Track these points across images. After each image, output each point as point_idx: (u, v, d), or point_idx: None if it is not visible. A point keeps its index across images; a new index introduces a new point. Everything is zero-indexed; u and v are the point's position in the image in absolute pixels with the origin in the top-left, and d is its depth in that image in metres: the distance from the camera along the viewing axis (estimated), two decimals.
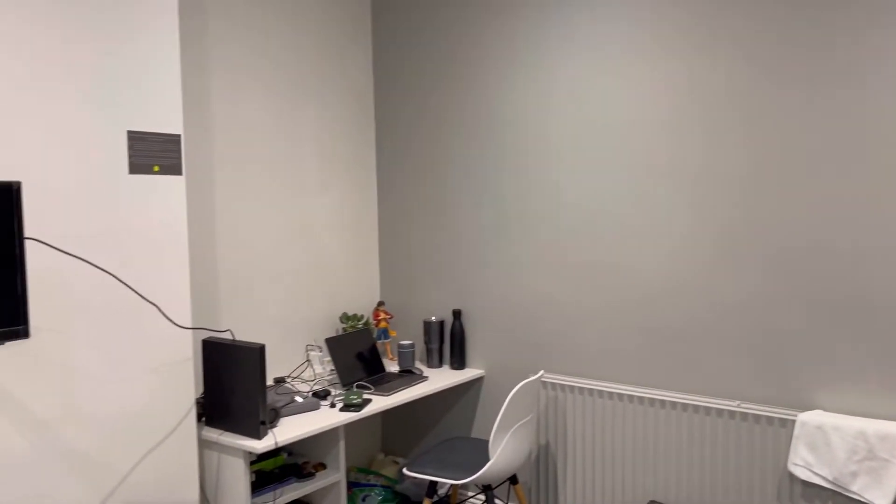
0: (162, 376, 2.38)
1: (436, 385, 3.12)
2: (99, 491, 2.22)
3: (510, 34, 3.16)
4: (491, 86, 3.24)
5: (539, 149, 3.10)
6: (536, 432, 3.14)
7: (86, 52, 2.16)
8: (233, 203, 3.05)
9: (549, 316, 3.12)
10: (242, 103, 3.07)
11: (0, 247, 1.68)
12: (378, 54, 3.65)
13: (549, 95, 3.05)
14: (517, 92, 3.15)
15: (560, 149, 3.04)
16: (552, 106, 3.05)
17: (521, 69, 3.13)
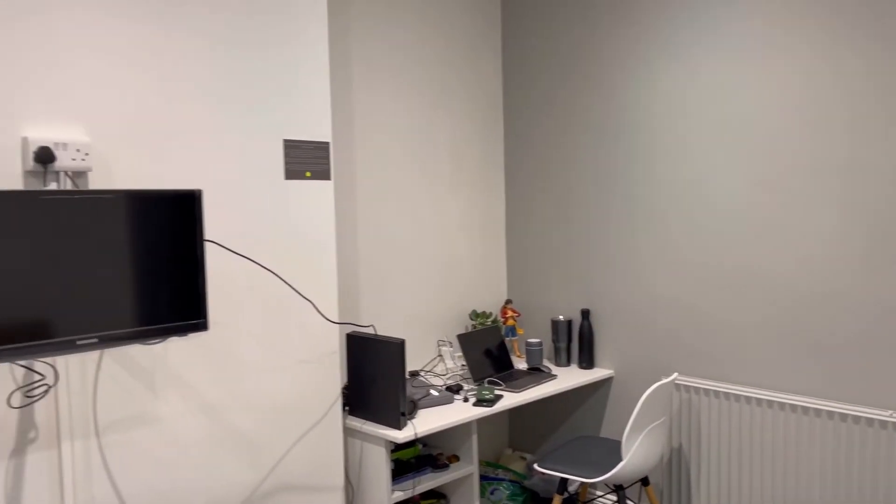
0: (312, 367, 2.56)
1: (565, 384, 3.16)
2: (259, 470, 2.42)
3: (641, 30, 3.14)
4: (621, 83, 3.23)
5: (670, 146, 3.07)
6: (669, 435, 3.11)
7: (247, 67, 2.36)
8: (372, 205, 3.21)
9: (682, 317, 3.08)
10: (380, 108, 3.23)
11: (185, 249, 1.88)
12: (507, 54, 3.71)
13: (681, 92, 3.01)
14: (648, 89, 3.13)
15: (692, 146, 2.99)
16: (684, 103, 3.00)
17: (652, 65, 3.10)
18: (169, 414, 2.20)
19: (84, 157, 1.97)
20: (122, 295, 1.78)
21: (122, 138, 2.08)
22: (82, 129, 2.01)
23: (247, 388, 2.38)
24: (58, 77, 1.96)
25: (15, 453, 1.91)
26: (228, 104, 2.31)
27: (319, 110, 2.55)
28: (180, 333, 1.88)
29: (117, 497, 2.10)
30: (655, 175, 3.13)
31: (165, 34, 2.16)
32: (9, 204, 1.60)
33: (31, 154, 1.89)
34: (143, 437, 2.15)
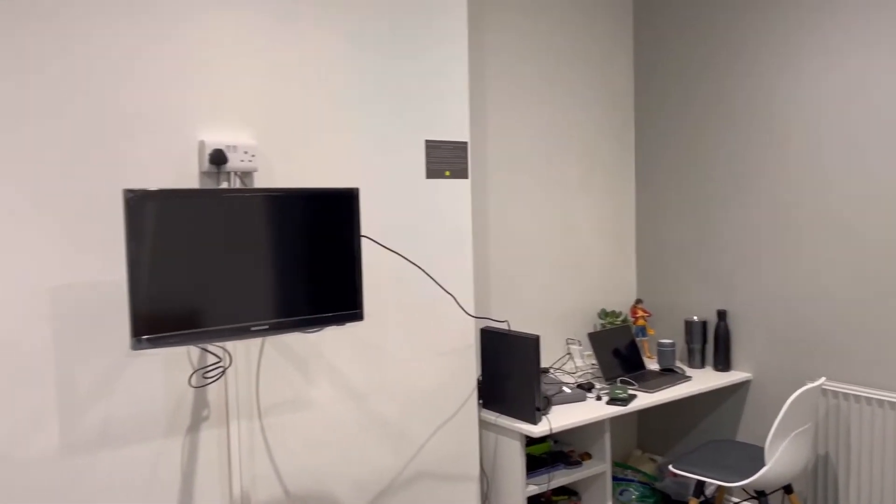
0: (450, 359, 2.65)
1: (699, 385, 3.09)
2: (400, 456, 2.53)
3: (781, 20, 3.02)
4: (760, 79, 3.12)
5: (812, 142, 2.93)
6: (815, 442, 2.98)
7: (394, 73, 2.47)
8: (504, 203, 3.27)
9: (828, 318, 2.94)
10: (512, 109, 3.28)
11: (344, 244, 2.00)
12: (639, 53, 3.67)
13: (826, 88, 2.87)
14: (789, 85, 3.00)
15: (837, 143, 2.85)
16: (829, 99, 2.87)
17: (795, 61, 2.98)
18: (321, 399, 2.34)
19: (251, 159, 2.14)
20: (287, 286, 1.92)
21: (283, 141, 2.24)
22: (249, 133, 2.18)
23: (390, 377, 2.49)
24: (229, 85, 2.13)
25: (191, 429, 2.09)
26: (377, 107, 2.43)
27: (459, 112, 2.63)
28: (338, 323, 2.00)
29: (276, 474, 2.25)
30: (797, 171, 3.00)
31: (323, 43, 2.30)
32: (194, 201, 1.76)
33: (207, 156, 2.07)
34: (298, 420, 2.30)
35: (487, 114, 3.20)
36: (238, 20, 2.14)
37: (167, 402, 2.05)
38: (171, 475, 2.06)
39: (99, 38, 1.92)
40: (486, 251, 3.22)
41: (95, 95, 1.92)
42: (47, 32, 1.85)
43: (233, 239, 1.83)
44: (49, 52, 1.85)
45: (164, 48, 2.02)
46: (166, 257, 1.73)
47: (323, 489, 2.35)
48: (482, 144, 3.19)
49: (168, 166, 2.04)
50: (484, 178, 3.20)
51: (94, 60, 1.91)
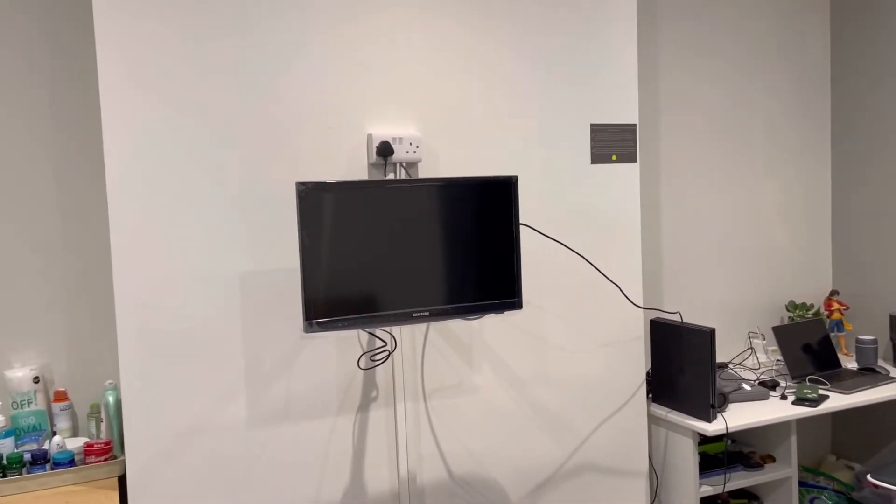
0: (616, 351, 2.56)
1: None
2: (563, 447, 2.50)
3: None
4: None
5: None
6: None
7: (556, 55, 2.42)
8: (678, 187, 3.10)
9: None
10: (688, 87, 3.09)
11: (502, 232, 2.00)
12: (837, 29, 3.30)
13: None
14: None
15: None
16: None
17: None
18: (483, 385, 2.37)
19: (416, 150, 2.20)
20: (448, 274, 1.96)
21: (446, 130, 2.28)
22: (414, 125, 2.24)
23: (553, 367, 2.47)
24: (393, 80, 2.21)
25: (361, 408, 2.21)
26: (539, 91, 2.40)
27: (626, 93, 2.52)
28: (497, 311, 2.01)
29: (440, 455, 2.32)
30: None
31: (484, 32, 2.31)
32: (361, 192, 1.85)
33: (374, 148, 2.16)
34: (462, 404, 2.34)
35: (660, 94, 3.04)
36: (400, 16, 2.21)
37: (339, 382, 2.18)
38: (343, 450, 2.19)
39: (274, 40, 2.06)
40: (659, 239, 3.07)
41: (272, 94, 2.07)
42: (232, 34, 2.02)
43: (396, 228, 1.89)
44: (232, 54, 2.02)
45: (332, 47, 2.13)
46: (335, 246, 1.83)
47: (486, 473, 2.38)
48: (654, 126, 3.04)
49: (340, 159, 2.15)
50: (657, 162, 3.05)
51: (270, 61, 2.06)
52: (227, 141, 2.03)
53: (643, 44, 3.00)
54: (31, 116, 2.24)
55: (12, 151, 2.22)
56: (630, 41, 2.52)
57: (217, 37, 2.00)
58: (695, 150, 3.12)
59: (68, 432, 2.22)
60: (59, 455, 2.04)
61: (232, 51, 2.02)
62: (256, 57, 2.04)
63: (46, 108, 2.25)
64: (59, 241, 2.28)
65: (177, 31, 1.96)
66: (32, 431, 2.16)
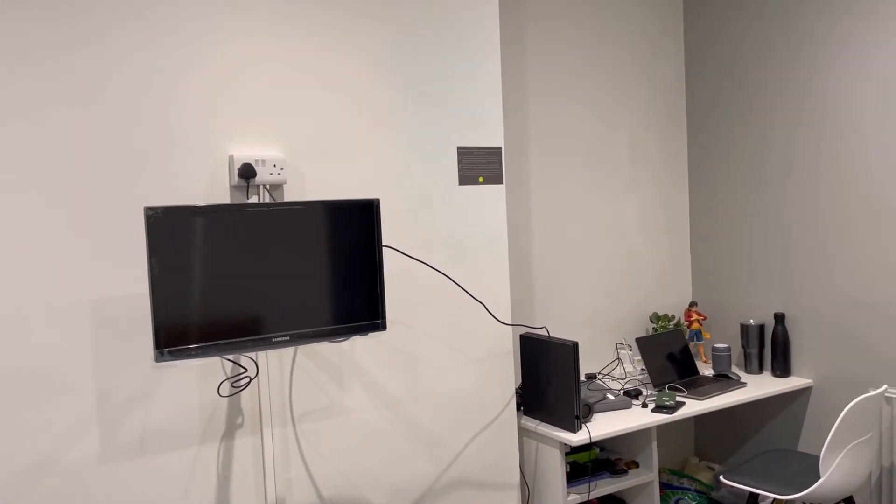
0: (487, 366, 2.63)
1: (755, 392, 2.95)
2: (438, 464, 2.53)
3: (839, 11, 2.85)
4: (822, 68, 2.95)
5: (878, 137, 2.75)
6: (878, 453, 2.80)
7: (420, 78, 2.47)
8: (546, 207, 3.22)
9: (894, 323, 2.76)
10: (555, 110, 3.23)
11: (364, 254, 2.01)
12: (691, 49, 3.55)
13: (883, 75, 2.70)
14: (850, 75, 2.83)
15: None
16: (886, 86, 2.69)
17: (847, 48, 2.81)
18: (355, 406, 2.37)
19: (280, 172, 2.19)
20: (311, 297, 1.95)
21: (312, 152, 2.28)
22: (278, 147, 2.22)
23: (425, 384, 2.50)
24: (256, 101, 2.19)
25: (225, 436, 2.16)
26: (404, 114, 2.44)
27: (492, 116, 2.61)
28: (361, 332, 2.02)
29: (310, 480, 2.29)
30: (860, 165, 2.83)
31: (350, 55, 2.33)
32: (213, 216, 1.82)
33: (236, 170, 2.13)
34: (333, 426, 2.33)
35: (528, 117, 3.16)
36: (261, 40, 2.19)
37: (202, 410, 2.12)
38: (207, 481, 2.13)
39: (134, 60, 2.00)
40: (529, 257, 3.18)
41: (131, 114, 2.00)
42: (87, 54, 1.94)
43: (257, 252, 1.87)
44: (88, 73, 1.94)
45: (195, 70, 2.09)
46: (190, 272, 1.79)
47: (359, 495, 2.38)
48: (523, 148, 3.15)
49: (200, 181, 2.11)
50: (526, 183, 3.16)
51: (128, 81, 2.00)
52: (80, 164, 1.94)
53: (509, 66, 3.11)
54: None
55: None
56: (493, 63, 2.60)
57: (71, 55, 1.92)
58: (562, 168, 3.26)
59: None
60: None
61: (87, 72, 1.94)
62: (113, 77, 1.97)
63: None
64: None
65: (24, 45, 1.87)
66: None
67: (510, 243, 3.11)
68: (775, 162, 3.17)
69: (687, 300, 3.64)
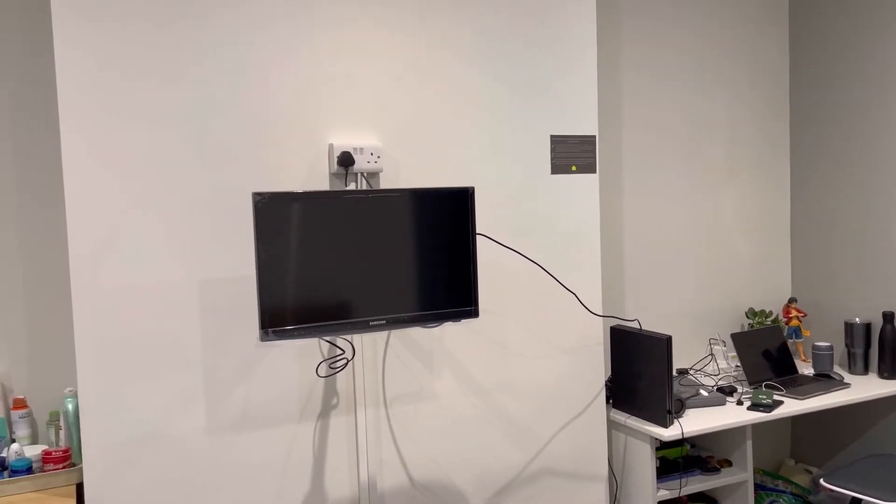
0: (576, 358, 2.61)
1: (860, 394, 2.82)
2: (524, 452, 2.54)
3: None
4: None
5: None
6: None
7: (516, 66, 2.46)
8: (639, 197, 3.16)
9: None
10: (649, 98, 3.15)
11: (458, 242, 2.03)
12: (796, 36, 3.39)
13: None
14: None
15: None
16: None
17: None
18: (444, 391, 2.40)
19: (377, 160, 2.23)
20: (406, 283, 1.99)
21: (407, 141, 2.31)
22: (375, 135, 2.27)
23: (513, 373, 2.51)
24: (354, 91, 2.24)
25: (321, 416, 2.23)
26: (499, 103, 2.44)
27: (586, 104, 2.58)
28: (454, 319, 2.05)
29: (401, 461, 2.35)
30: None
31: (445, 45, 2.35)
32: (317, 202, 1.88)
33: (335, 158, 2.19)
34: (422, 410, 2.38)
35: (623, 106, 3.10)
36: (360, 29, 2.24)
37: (300, 389, 2.20)
38: (304, 457, 2.21)
39: (238, 53, 2.09)
40: (621, 248, 3.13)
41: (236, 102, 2.09)
42: (194, 41, 2.04)
43: (355, 237, 1.92)
44: (194, 67, 2.04)
45: (296, 59, 2.16)
46: (293, 256, 1.85)
47: (446, 479, 2.42)
48: (616, 138, 3.10)
49: (301, 168, 2.18)
50: (619, 173, 3.11)
51: (235, 69, 2.09)
52: (190, 151, 2.05)
53: (604, 53, 3.06)
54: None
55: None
56: (590, 51, 2.57)
57: (180, 50, 2.02)
58: (656, 158, 3.19)
59: (27, 440, 2.22)
60: (17, 463, 2.05)
61: (194, 64, 2.04)
62: (220, 70, 2.07)
63: (7, 119, 2.25)
64: (17, 253, 2.28)
65: (138, 42, 1.98)
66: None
67: (601, 233, 3.07)
68: (884, 151, 2.99)
69: (785, 296, 3.50)
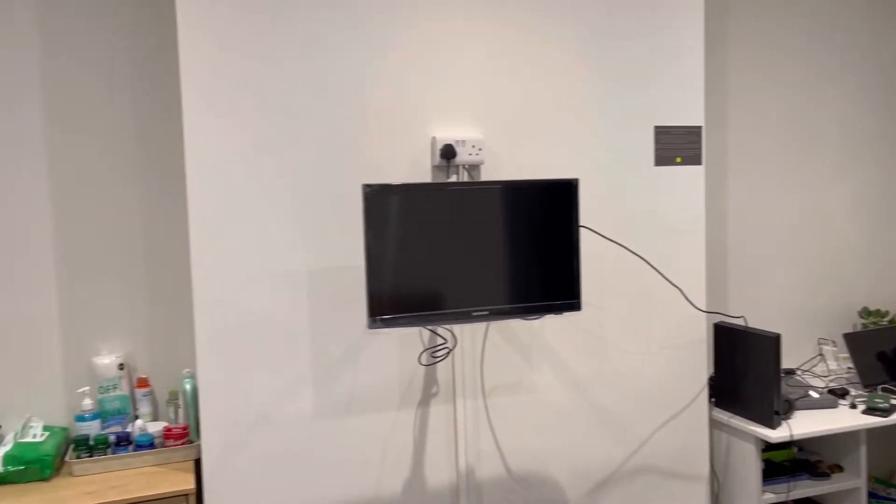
0: (678, 354, 2.55)
1: None
2: (623, 448, 2.50)
3: None
4: None
5: None
6: None
7: (619, 57, 2.42)
8: (745, 189, 3.05)
9: None
10: (759, 88, 3.04)
11: (561, 234, 2.02)
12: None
13: None
14: None
15: None
16: None
17: None
18: (543, 384, 2.40)
19: (478, 153, 2.25)
20: (509, 274, 2.00)
21: (508, 133, 2.32)
22: (477, 128, 2.29)
23: (613, 368, 2.48)
24: (457, 84, 2.26)
25: (422, 404, 2.28)
26: (602, 93, 2.41)
27: (692, 94, 2.51)
28: (556, 312, 2.04)
29: (498, 451, 2.36)
30: None
31: (543, 33, 2.33)
32: (424, 194, 1.91)
33: (438, 151, 2.21)
34: (521, 402, 2.38)
35: (727, 95, 3.00)
36: (464, 23, 2.26)
37: (401, 377, 2.25)
38: (403, 444, 2.26)
39: (344, 49, 2.15)
40: (725, 242, 3.03)
41: (341, 100, 2.15)
42: (305, 46, 2.11)
43: (458, 228, 1.95)
44: (304, 65, 2.11)
45: (399, 53, 2.20)
46: (399, 246, 1.89)
47: (544, 471, 2.42)
48: (721, 128, 3.00)
49: (403, 161, 2.22)
50: (724, 163, 3.01)
51: (340, 69, 2.14)
52: (299, 146, 2.12)
53: (710, 42, 2.96)
54: (115, 126, 2.39)
55: (98, 158, 2.38)
56: (696, 40, 2.50)
57: (292, 48, 2.10)
58: (763, 150, 3.07)
59: (149, 416, 2.36)
60: (141, 437, 2.18)
61: (304, 62, 2.11)
62: (327, 67, 2.13)
63: (129, 117, 2.40)
64: (141, 242, 2.43)
65: (253, 41, 2.06)
66: (117, 415, 2.31)
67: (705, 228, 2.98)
68: None
69: None
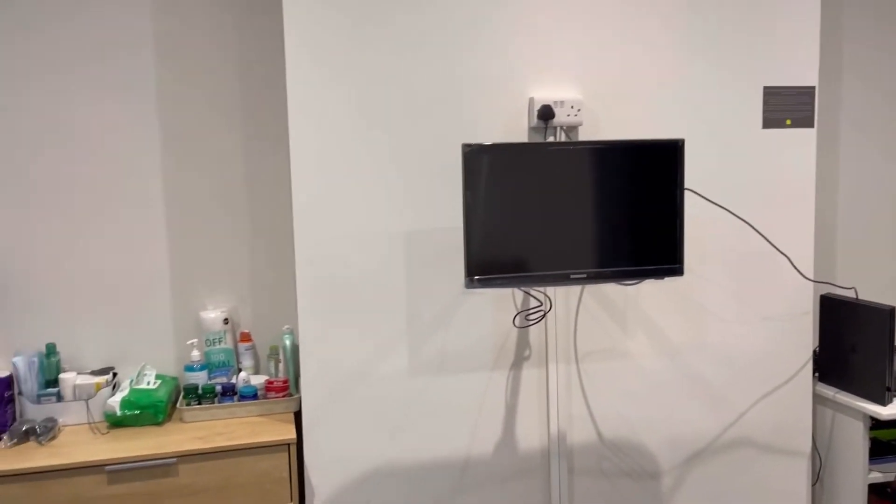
0: (781, 325, 2.45)
1: None
2: (719, 420, 2.44)
3: None
4: None
5: None
6: None
7: (725, 16, 2.30)
8: (858, 154, 2.88)
9: None
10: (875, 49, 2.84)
11: (664, 197, 1.97)
12: None
13: None
14: None
15: None
16: None
17: None
18: (637, 351, 2.36)
19: (577, 114, 2.20)
20: (607, 237, 1.96)
21: (607, 94, 2.26)
22: (576, 89, 2.24)
23: (711, 337, 2.40)
24: (555, 44, 2.21)
25: (514, 366, 2.28)
26: (706, 54, 2.31)
27: (806, 53, 2.37)
28: (657, 276, 1.99)
29: (590, 417, 2.35)
30: None
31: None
32: (523, 154, 1.89)
33: (535, 112, 2.18)
34: (614, 369, 2.35)
35: (843, 53, 2.82)
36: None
37: (495, 339, 2.25)
38: (496, 405, 2.28)
39: (445, 12, 2.13)
40: (835, 210, 2.88)
41: (441, 61, 2.14)
42: (407, 11, 2.11)
43: (558, 190, 1.92)
44: (404, 29, 2.11)
45: (499, 14, 2.16)
46: (496, 206, 1.89)
47: (636, 439, 2.39)
48: (835, 89, 2.83)
49: (499, 122, 2.20)
50: (836, 127, 2.85)
51: (439, 32, 2.13)
52: (398, 105, 2.13)
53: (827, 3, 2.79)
54: (221, 85, 2.46)
55: (205, 121, 2.47)
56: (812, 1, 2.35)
57: (397, 9, 2.10)
58: (878, 114, 2.87)
59: (251, 370, 2.46)
60: (245, 389, 2.28)
61: (404, 26, 2.11)
62: (427, 30, 2.12)
63: (235, 78, 2.47)
64: (246, 203, 2.51)
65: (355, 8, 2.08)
66: (222, 367, 2.42)
67: None
68: None
69: None
